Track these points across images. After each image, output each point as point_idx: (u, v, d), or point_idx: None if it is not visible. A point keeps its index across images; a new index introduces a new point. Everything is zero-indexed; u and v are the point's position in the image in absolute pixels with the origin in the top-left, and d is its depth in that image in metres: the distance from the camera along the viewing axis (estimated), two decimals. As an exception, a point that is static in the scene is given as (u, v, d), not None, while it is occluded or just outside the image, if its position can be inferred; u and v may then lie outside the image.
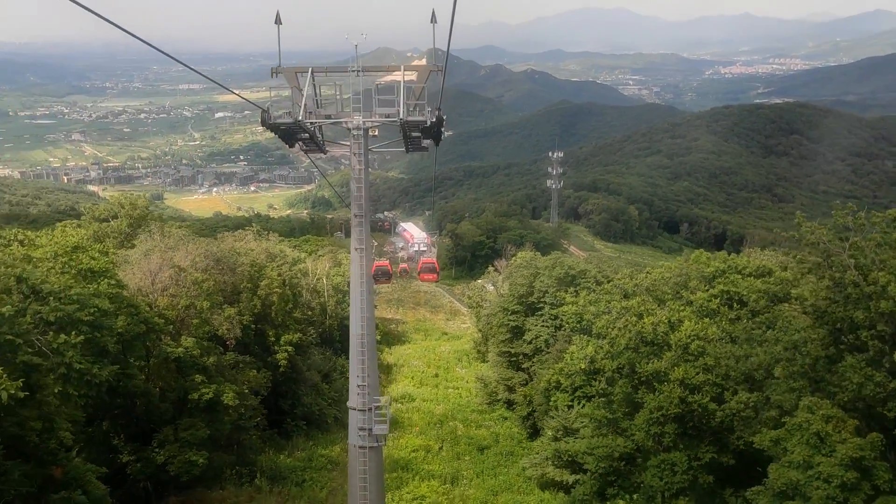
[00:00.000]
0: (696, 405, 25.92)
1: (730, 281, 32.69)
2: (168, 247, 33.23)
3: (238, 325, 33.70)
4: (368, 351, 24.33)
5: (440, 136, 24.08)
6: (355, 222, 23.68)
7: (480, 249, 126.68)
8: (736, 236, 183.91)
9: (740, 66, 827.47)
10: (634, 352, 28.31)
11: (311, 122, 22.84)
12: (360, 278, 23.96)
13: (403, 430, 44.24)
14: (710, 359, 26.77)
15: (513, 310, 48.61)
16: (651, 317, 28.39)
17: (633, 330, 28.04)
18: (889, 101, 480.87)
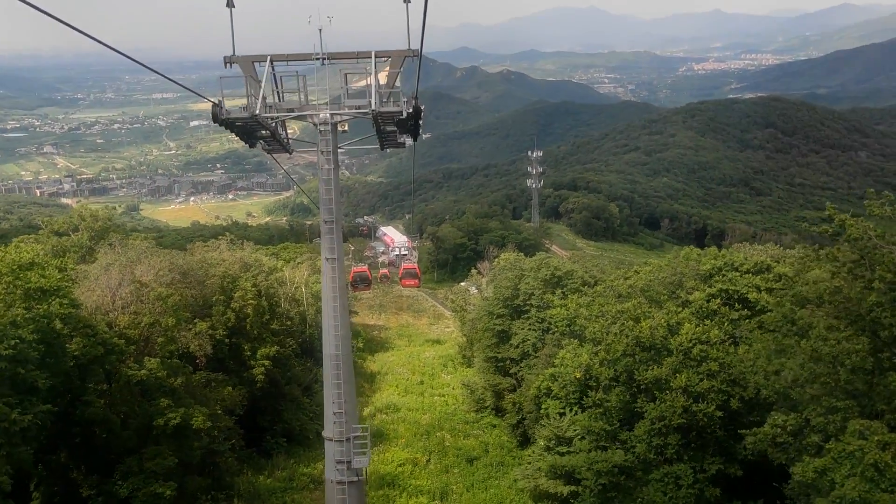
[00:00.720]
0: (700, 414, 24.34)
1: (728, 279, 31.13)
2: (130, 260, 31.21)
3: (209, 341, 31.85)
4: (345, 373, 22.53)
5: (418, 131, 22.03)
6: (325, 229, 21.75)
7: (462, 252, 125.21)
8: (716, 231, 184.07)
9: (713, 62, 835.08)
10: (632, 358, 26.71)
11: (272, 118, 20.83)
12: (332, 292, 21.95)
13: (389, 443, 42.47)
14: (714, 364, 25.20)
15: (498, 313, 46.98)
16: (648, 320, 26.87)
17: (631, 335, 26.45)
18: (859, 93, 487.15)
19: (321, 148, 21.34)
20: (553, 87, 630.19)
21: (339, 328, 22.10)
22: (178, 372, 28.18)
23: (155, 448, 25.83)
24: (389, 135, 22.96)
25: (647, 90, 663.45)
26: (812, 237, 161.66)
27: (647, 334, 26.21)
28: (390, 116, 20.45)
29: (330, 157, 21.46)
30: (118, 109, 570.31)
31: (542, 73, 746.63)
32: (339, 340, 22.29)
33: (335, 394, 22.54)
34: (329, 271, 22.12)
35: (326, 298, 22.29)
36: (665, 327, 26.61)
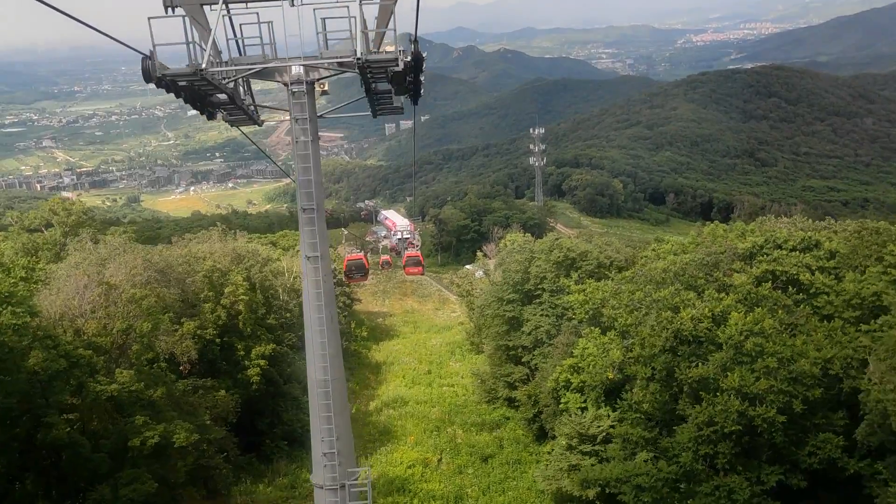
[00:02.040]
0: (759, 420, 20.92)
1: (773, 259, 27.34)
2: (101, 259, 28.20)
3: (195, 343, 29.05)
4: (337, 402, 18.57)
5: (420, 89, 17.59)
6: (304, 219, 17.90)
7: (465, 234, 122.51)
8: (723, 204, 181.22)
9: (712, 32, 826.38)
10: (672, 354, 23.54)
11: (225, 76, 16.64)
12: (316, 300, 18.00)
13: (397, 442, 39.89)
14: (772, 360, 21.58)
15: (508, 299, 44.24)
16: (689, 309, 23.51)
17: (670, 328, 23.19)
18: (861, 59, 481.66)
19: (294, 114, 17.46)
20: (551, 64, 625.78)
21: (328, 345, 18.32)
22: (158, 382, 25.30)
23: (131, 472, 22.59)
24: (383, 97, 19.04)
25: (645, 64, 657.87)
26: (822, 207, 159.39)
27: (688, 326, 23.05)
28: (382, 68, 16.21)
29: (306, 127, 17.52)
30: (115, 101, 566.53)
31: (540, 51, 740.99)
32: (328, 361, 18.38)
33: (325, 430, 18.40)
34: (311, 273, 18.10)
35: (309, 309, 18.36)
36: (709, 318, 23.35)
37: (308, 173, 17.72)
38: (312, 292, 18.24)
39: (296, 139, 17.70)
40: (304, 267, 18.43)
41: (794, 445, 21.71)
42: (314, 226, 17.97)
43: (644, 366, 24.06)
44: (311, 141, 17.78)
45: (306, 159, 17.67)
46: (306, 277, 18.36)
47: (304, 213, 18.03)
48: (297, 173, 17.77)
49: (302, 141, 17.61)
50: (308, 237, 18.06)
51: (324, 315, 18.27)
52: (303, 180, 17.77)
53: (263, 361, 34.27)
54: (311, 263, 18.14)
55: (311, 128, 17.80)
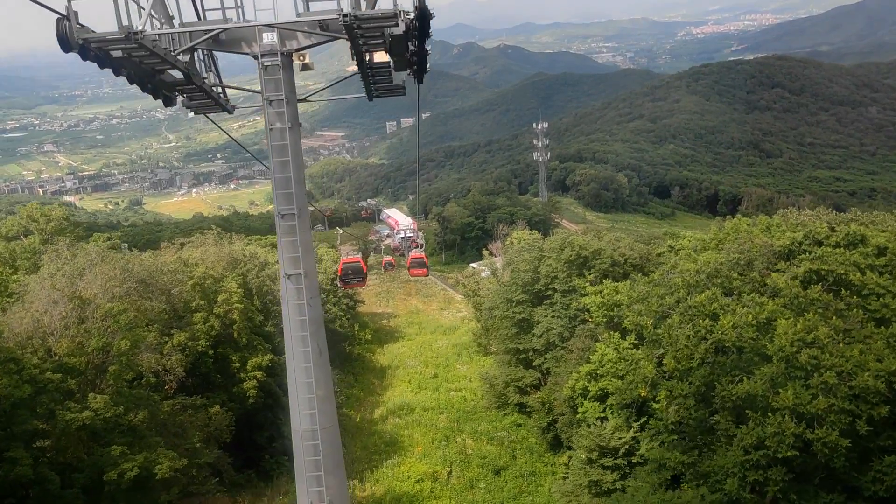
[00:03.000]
0: (819, 444, 18.21)
1: (816, 257, 24.39)
2: (77, 269, 25.96)
3: (182, 361, 26.91)
4: (329, 460, 15.85)
5: (425, 60, 14.25)
6: (284, 227, 14.98)
7: (470, 231, 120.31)
8: (728, 196, 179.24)
9: (712, 24, 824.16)
10: (711, 366, 21.10)
11: (174, 44, 13.64)
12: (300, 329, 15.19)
13: (404, 453, 37.72)
14: (831, 374, 18.76)
15: (517, 300, 42.17)
16: (730, 316, 20.96)
17: (710, 338, 20.67)
18: (863, 49, 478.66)
19: (267, 94, 14.32)
20: (551, 59, 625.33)
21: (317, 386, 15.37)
22: (140, 404, 23.07)
23: (108, 509, 20.66)
24: (380, 73, 15.48)
25: (646, 57, 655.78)
26: (830, 198, 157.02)
27: (731, 336, 20.48)
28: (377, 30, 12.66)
29: (282, 111, 14.29)
30: (116, 104, 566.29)
31: (540, 46, 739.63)
32: (315, 407, 15.43)
33: (314, 493, 15.68)
34: (293, 295, 15.16)
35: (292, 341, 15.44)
36: (753, 326, 20.73)
37: (286, 169, 14.62)
38: (295, 319, 15.28)
39: (270, 126, 14.60)
40: (285, 287, 15.41)
41: (855, 470, 19.22)
42: (295, 235, 15.00)
43: (680, 381, 21.63)
44: (290, 128, 14.65)
45: (283, 151, 14.61)
46: (287, 300, 15.38)
47: (282, 220, 14.94)
48: (273, 169, 14.80)
49: (278, 128, 14.55)
50: (288, 250, 15.13)
51: (310, 348, 15.35)
52: (280, 178, 14.70)
53: (260, 373, 32.12)
54: (292, 283, 15.19)
55: (290, 112, 14.65)
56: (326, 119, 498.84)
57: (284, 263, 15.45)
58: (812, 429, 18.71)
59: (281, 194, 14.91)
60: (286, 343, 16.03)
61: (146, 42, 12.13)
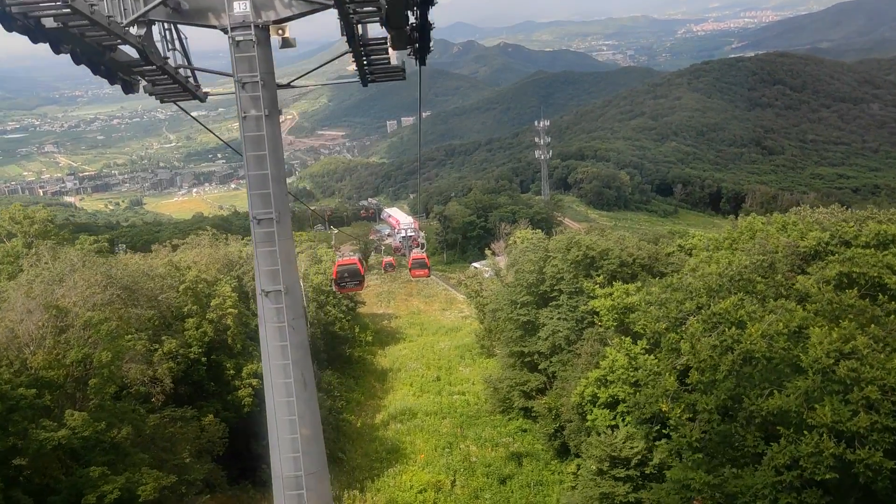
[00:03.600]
0: (861, 466, 16.44)
1: (847, 259, 22.55)
2: (56, 276, 24.47)
3: (176, 366, 25.58)
4: None
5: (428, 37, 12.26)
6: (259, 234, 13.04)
7: (471, 230, 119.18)
8: (731, 194, 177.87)
9: (712, 22, 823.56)
10: (738, 379, 19.26)
11: (122, 14, 11.31)
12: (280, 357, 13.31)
13: (406, 461, 36.58)
14: (873, 389, 17.03)
15: (522, 302, 41.02)
16: (758, 324, 19.17)
17: (738, 348, 18.84)
18: (864, 45, 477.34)
19: (239, 75, 12.41)
20: (551, 57, 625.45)
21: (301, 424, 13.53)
22: (124, 419, 21.72)
23: (87, 536, 18.83)
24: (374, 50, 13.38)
25: (646, 55, 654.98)
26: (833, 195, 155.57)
27: (761, 346, 18.63)
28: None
29: (258, 95, 12.39)
30: (117, 105, 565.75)
31: (540, 44, 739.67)
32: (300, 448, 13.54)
33: None
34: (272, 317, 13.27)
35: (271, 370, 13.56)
36: (784, 335, 18.97)
37: (262, 165, 12.59)
38: (275, 345, 13.18)
39: (243, 113, 12.59)
40: (262, 307, 13.23)
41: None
42: (274, 244, 12.88)
43: (705, 394, 20.04)
44: (267, 116, 12.58)
45: (259, 143, 12.56)
46: (264, 322, 13.27)
47: (258, 226, 12.85)
48: (247, 165, 12.83)
49: (252, 116, 12.55)
50: (265, 262, 12.97)
51: (293, 378, 13.24)
52: (255, 176, 12.65)
53: (256, 380, 30.74)
54: (270, 301, 13.03)
55: (267, 96, 12.56)
56: (327, 118, 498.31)
57: (261, 278, 13.21)
58: (853, 448, 17.08)
59: (256, 195, 12.73)
60: (265, 373, 13.97)
61: (81, 6, 9.80)
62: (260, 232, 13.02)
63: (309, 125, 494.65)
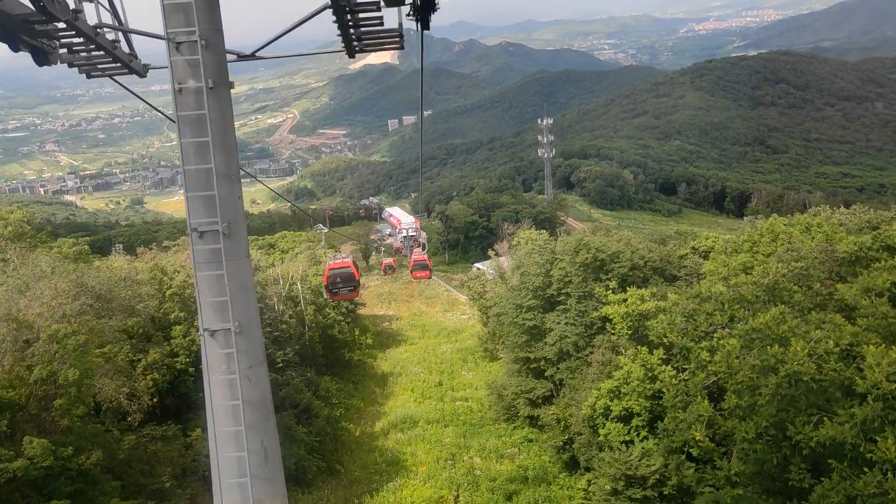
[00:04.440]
0: None
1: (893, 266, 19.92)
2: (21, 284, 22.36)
3: (147, 387, 23.73)
4: None
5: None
6: (203, 253, 10.13)
7: (474, 230, 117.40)
8: (735, 193, 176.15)
9: (714, 21, 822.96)
10: (780, 403, 16.88)
11: None
12: (232, 422, 10.31)
13: (407, 474, 34.74)
14: None
15: (528, 306, 39.28)
16: (803, 343, 16.89)
17: (784, 370, 16.48)
18: (866, 44, 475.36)
19: (172, 32, 9.47)
20: (553, 56, 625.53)
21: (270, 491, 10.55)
22: (95, 442, 19.61)
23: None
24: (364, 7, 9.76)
25: (648, 54, 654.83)
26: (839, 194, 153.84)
27: (810, 368, 16.40)
28: None
29: (197, 60, 9.39)
30: (118, 103, 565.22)
31: (541, 43, 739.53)
32: None
33: None
34: (220, 365, 10.26)
35: (216, 441, 10.52)
36: (835, 354, 16.75)
37: (204, 156, 9.64)
38: (222, 405, 10.20)
39: (178, 85, 9.62)
40: (206, 352, 10.24)
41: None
42: (221, 267, 9.89)
43: (744, 421, 17.84)
44: (211, 90, 9.58)
45: (199, 127, 9.55)
46: (209, 372, 10.26)
47: (199, 240, 9.95)
48: (183, 156, 9.88)
49: (190, 89, 9.54)
50: (209, 290, 10.03)
51: (246, 451, 10.21)
52: (194, 172, 9.77)
53: (247, 391, 29.20)
54: (218, 345, 10.11)
55: (211, 62, 9.61)
56: (328, 117, 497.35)
57: (204, 312, 10.15)
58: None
59: (196, 199, 9.66)
60: (210, 442, 10.71)
61: None
62: (202, 249, 9.92)
63: (310, 124, 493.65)
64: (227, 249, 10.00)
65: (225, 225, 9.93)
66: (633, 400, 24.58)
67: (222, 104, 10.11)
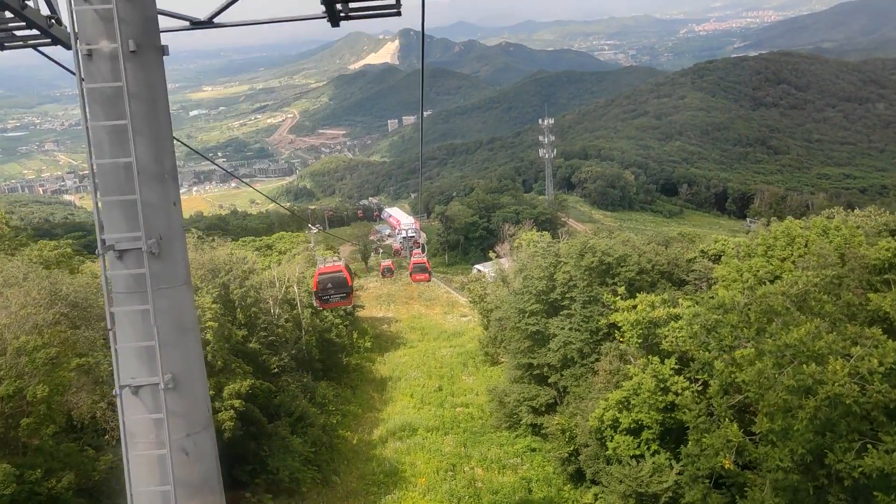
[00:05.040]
0: None
1: None
2: None
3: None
4: None
5: None
6: (121, 281, 7.80)
7: (474, 231, 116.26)
8: (737, 194, 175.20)
9: (714, 22, 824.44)
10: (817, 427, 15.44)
11: None
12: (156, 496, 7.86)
13: (405, 486, 33.42)
14: None
15: (531, 310, 38.02)
16: (842, 361, 15.37)
17: (823, 391, 14.98)
18: (867, 45, 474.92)
19: None
20: (553, 56, 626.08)
21: None
22: (67, 463, 18.08)
23: None
24: None
25: (648, 54, 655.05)
26: (842, 195, 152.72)
27: (853, 390, 14.88)
28: None
29: (110, 12, 7.19)
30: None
31: (541, 44, 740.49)
32: None
33: None
34: (145, 436, 8.04)
35: None
36: (879, 374, 15.12)
37: (121, 146, 7.43)
38: (147, 492, 7.86)
39: (86, 48, 7.43)
40: (123, 419, 7.80)
41: None
42: (146, 300, 7.54)
43: (777, 447, 16.39)
44: (133, 54, 7.34)
45: (114, 105, 7.37)
46: (129, 444, 7.98)
47: (118, 262, 7.64)
48: (90, 146, 7.68)
49: (103, 53, 7.35)
50: (131, 331, 7.71)
51: None
52: (106, 167, 7.49)
53: (238, 402, 27.53)
54: (142, 407, 7.80)
55: (133, 17, 7.41)
56: (328, 117, 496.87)
57: (121, 362, 7.70)
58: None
59: (112, 205, 7.44)
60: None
61: None
62: (121, 276, 7.48)
63: (310, 124, 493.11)
64: (157, 275, 7.56)
65: (152, 242, 7.46)
66: (643, 412, 23.35)
67: (150, 75, 7.52)
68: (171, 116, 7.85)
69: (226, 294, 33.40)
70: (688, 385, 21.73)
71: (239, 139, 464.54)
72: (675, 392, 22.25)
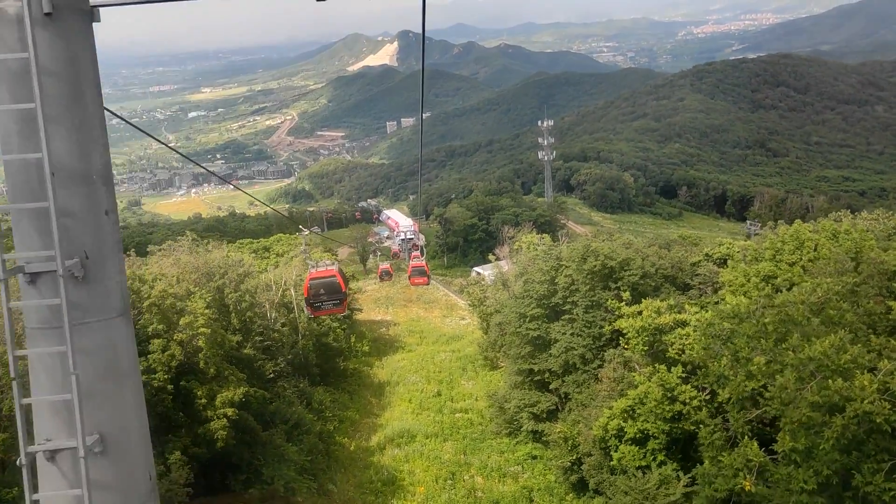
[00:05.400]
0: None
1: None
2: None
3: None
4: None
5: None
6: (34, 315, 5.68)
7: (473, 233, 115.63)
8: (736, 196, 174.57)
9: (713, 24, 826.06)
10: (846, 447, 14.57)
11: None
12: None
13: (404, 495, 32.61)
14: None
15: (532, 315, 37.27)
16: (869, 378, 14.53)
17: (851, 408, 14.07)
18: (865, 48, 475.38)
19: None
20: (552, 58, 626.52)
21: None
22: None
23: None
24: None
25: (647, 57, 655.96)
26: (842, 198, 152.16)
27: (882, 408, 13.97)
28: None
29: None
30: (116, 104, 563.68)
31: (540, 46, 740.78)
32: None
33: None
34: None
35: None
36: None
37: (30, 139, 5.50)
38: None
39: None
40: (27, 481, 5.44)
41: None
42: (62, 341, 5.40)
43: (801, 468, 15.40)
44: (48, 16, 5.47)
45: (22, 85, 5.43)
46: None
47: (30, 287, 5.68)
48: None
49: (8, 14, 5.43)
50: (45, 379, 5.72)
51: None
52: (13, 165, 5.60)
53: (231, 410, 26.58)
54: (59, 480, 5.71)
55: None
56: (326, 119, 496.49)
57: (35, 420, 5.86)
58: None
59: (25, 214, 5.63)
60: None
61: None
62: (33, 308, 5.73)
63: (308, 126, 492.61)
64: (80, 305, 5.71)
65: (74, 262, 5.64)
66: (649, 422, 22.63)
67: (71, 45, 5.78)
68: (103, 99, 6.17)
69: (220, 298, 32.66)
70: (696, 394, 21.03)
71: (237, 141, 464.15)
72: (682, 402, 21.60)
